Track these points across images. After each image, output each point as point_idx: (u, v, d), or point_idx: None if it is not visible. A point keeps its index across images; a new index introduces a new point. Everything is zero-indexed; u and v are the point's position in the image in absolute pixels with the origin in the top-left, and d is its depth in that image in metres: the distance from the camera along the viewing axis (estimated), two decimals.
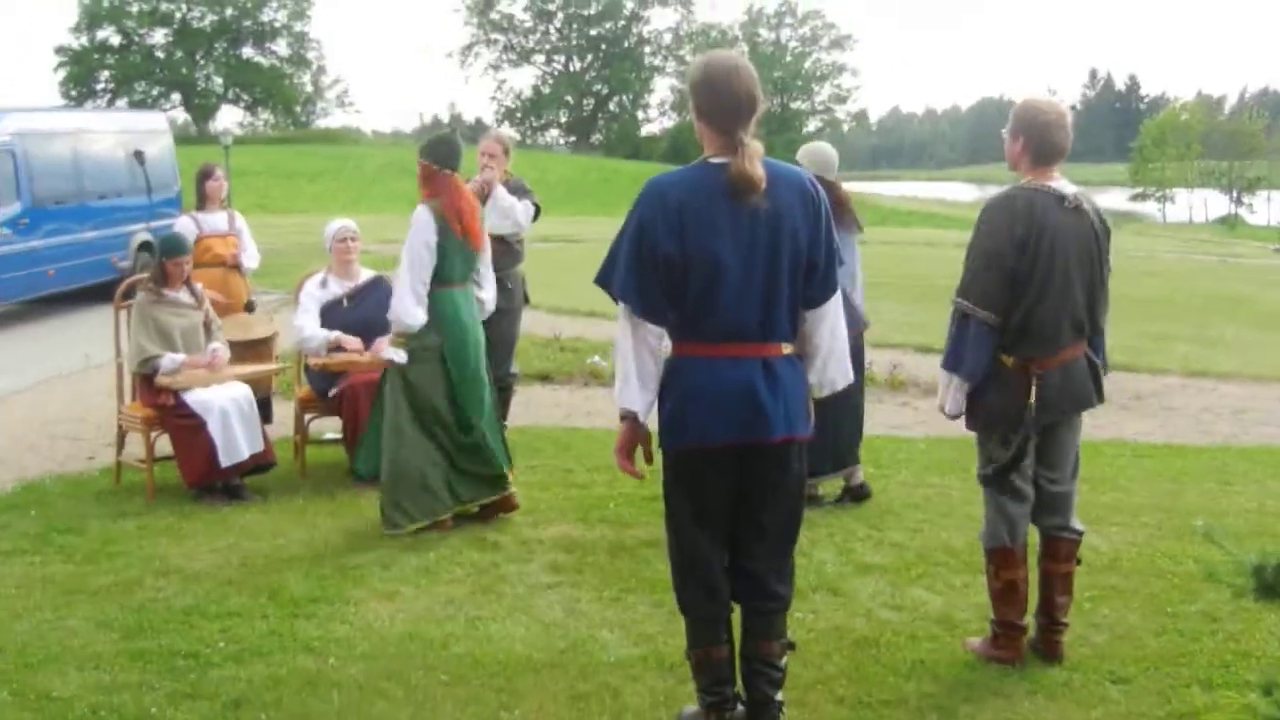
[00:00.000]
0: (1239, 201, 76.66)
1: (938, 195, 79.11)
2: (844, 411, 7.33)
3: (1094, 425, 10.48)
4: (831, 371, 4.40)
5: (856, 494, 7.72)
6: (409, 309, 7.04)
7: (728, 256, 4.11)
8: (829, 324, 4.35)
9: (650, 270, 4.15)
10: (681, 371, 4.27)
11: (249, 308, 9.60)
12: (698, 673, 4.48)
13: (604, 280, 4.29)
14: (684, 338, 4.26)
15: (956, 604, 5.93)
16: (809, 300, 4.30)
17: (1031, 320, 4.98)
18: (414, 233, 7.05)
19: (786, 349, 4.28)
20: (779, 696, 4.49)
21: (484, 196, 8.13)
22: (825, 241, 4.26)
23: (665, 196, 4.16)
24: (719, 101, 4.15)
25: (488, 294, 7.51)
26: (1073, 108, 5.34)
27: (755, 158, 4.10)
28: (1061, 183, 5.06)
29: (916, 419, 10.71)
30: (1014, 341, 5.02)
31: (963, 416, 5.20)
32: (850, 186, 7.86)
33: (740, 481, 4.34)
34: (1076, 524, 5.27)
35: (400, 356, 7.16)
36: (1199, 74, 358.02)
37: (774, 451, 4.29)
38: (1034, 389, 4.99)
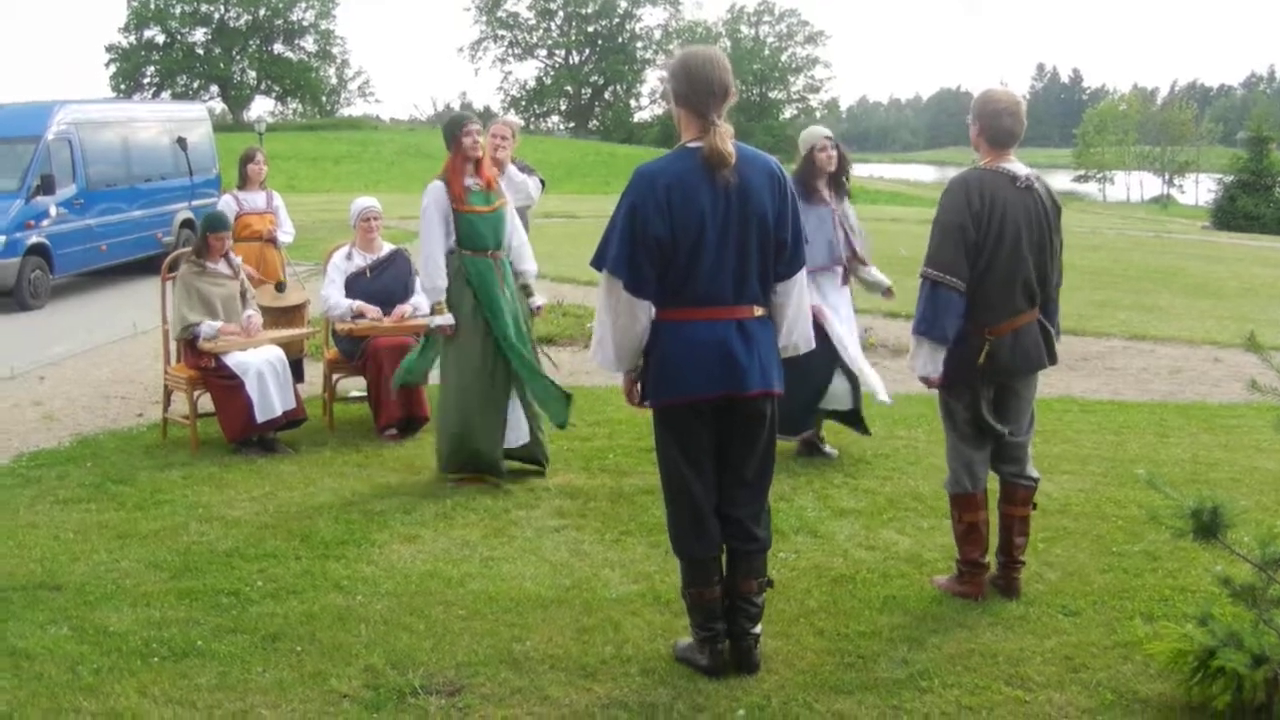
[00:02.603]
0: (1171, 183, 76.76)
1: (902, 176, 78.96)
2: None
3: (1045, 384, 10.38)
4: (795, 337, 4.45)
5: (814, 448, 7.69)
6: (427, 275, 6.96)
7: (708, 229, 4.14)
8: (796, 296, 4.39)
9: (641, 249, 4.15)
10: (663, 333, 4.28)
11: (279, 288, 9.51)
12: (692, 610, 4.47)
13: (598, 261, 4.28)
14: (666, 304, 4.27)
15: (924, 544, 5.90)
16: (779, 274, 4.33)
17: (983, 289, 4.95)
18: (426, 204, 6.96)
19: (759, 311, 4.31)
20: (756, 629, 4.48)
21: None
22: (792, 220, 4.30)
23: (654, 182, 4.17)
24: (696, 86, 4.17)
25: (526, 266, 7.34)
26: (1022, 97, 5.27)
27: (726, 137, 4.15)
28: (1016, 165, 5.03)
29: (886, 377, 10.63)
30: (968, 308, 4.99)
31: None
32: None
33: (720, 433, 4.36)
34: (1033, 471, 5.25)
35: (447, 320, 6.95)
36: (1135, 68, 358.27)
37: (750, 404, 4.31)
38: (985, 351, 4.97)
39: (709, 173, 4.15)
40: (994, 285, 4.95)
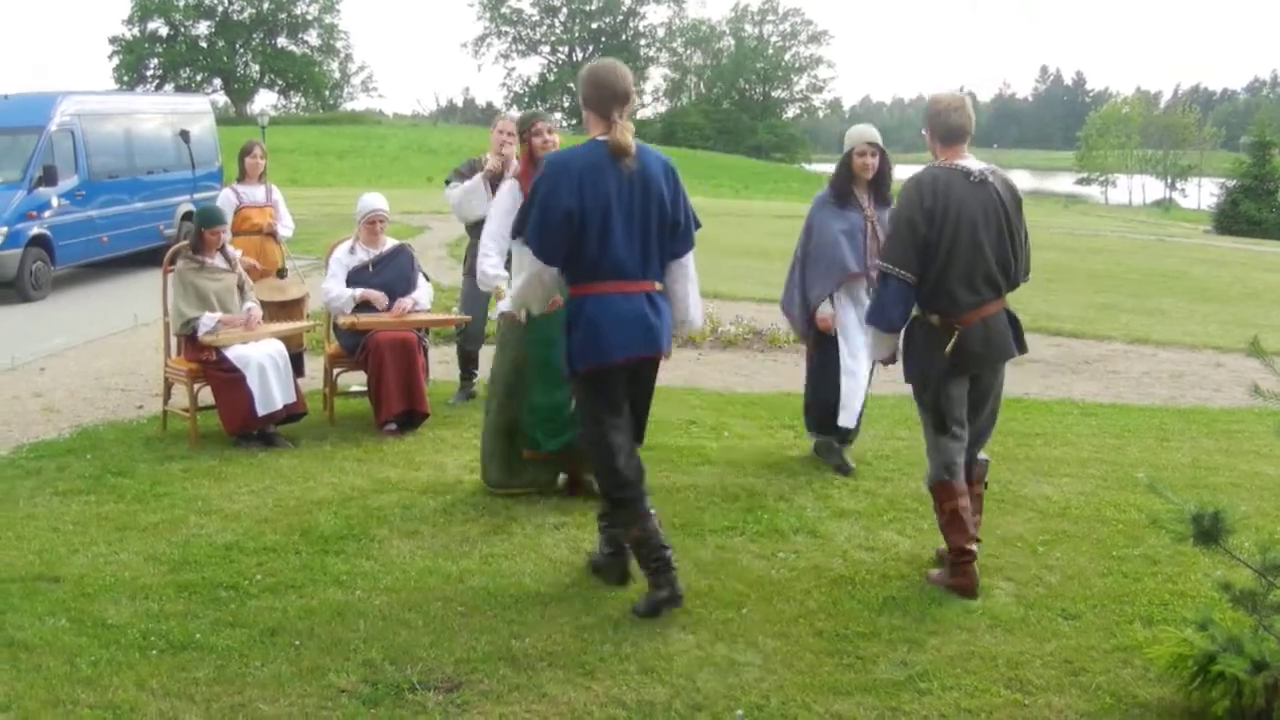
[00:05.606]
0: (1173, 187, 76.90)
1: (906, 176, 78.95)
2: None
3: (1045, 386, 10.48)
4: (692, 313, 5.20)
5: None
6: (481, 269, 6.73)
7: (615, 209, 4.80)
8: (687, 273, 5.12)
9: (554, 221, 4.74)
10: (584, 307, 4.88)
11: (281, 274, 9.52)
12: (639, 548, 4.99)
13: (517, 230, 4.96)
14: (583, 280, 4.88)
15: (924, 546, 5.89)
16: (674, 253, 5.06)
17: (945, 281, 5.13)
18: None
19: (659, 286, 5.01)
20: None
21: (502, 173, 7.89)
22: (683, 205, 5.01)
23: (568, 166, 4.82)
24: (601, 92, 4.88)
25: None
26: (1025, 99, 5.41)
27: (627, 132, 4.85)
28: (969, 160, 5.24)
29: (886, 379, 10.63)
30: (934, 302, 5.19)
31: (899, 366, 5.46)
32: (828, 167, 7.68)
33: (631, 387, 5.03)
34: (983, 455, 5.51)
35: (506, 304, 6.29)
36: (1139, 71, 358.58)
37: (656, 362, 5.09)
38: (952, 342, 5.13)
39: (615, 161, 4.80)
40: (955, 277, 5.13)
